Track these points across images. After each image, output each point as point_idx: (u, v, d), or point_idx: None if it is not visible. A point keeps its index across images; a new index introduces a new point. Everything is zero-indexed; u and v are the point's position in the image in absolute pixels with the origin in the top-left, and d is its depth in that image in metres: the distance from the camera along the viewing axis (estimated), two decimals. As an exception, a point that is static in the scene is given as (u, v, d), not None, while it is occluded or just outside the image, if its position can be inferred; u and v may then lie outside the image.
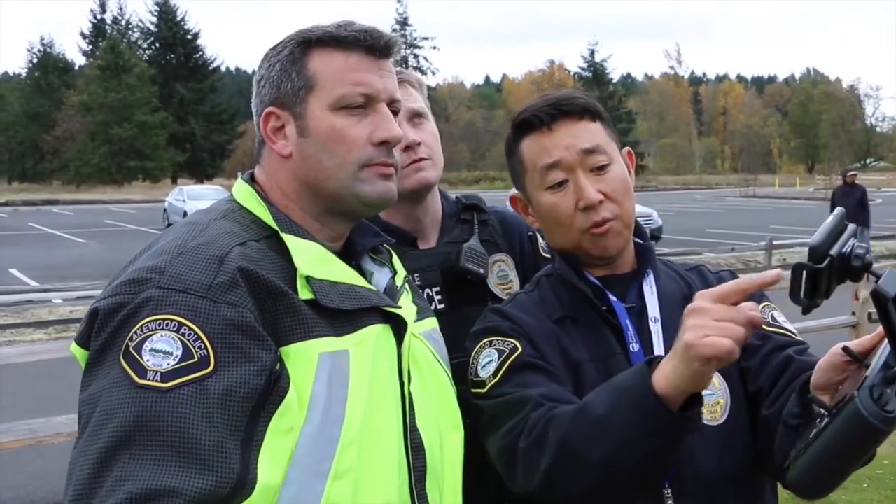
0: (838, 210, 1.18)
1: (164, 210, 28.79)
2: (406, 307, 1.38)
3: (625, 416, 1.25)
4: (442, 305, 1.86)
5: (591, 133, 1.55)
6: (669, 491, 1.42)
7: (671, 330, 1.50)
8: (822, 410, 1.19)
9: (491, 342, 1.51)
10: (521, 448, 1.36)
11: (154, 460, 1.02)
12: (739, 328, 1.16)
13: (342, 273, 1.30)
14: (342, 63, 1.32)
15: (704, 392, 1.46)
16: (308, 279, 1.23)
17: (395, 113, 1.38)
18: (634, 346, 1.50)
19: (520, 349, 1.48)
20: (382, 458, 1.22)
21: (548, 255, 2.02)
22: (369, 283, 1.38)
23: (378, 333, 1.28)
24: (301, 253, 1.26)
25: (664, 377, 1.22)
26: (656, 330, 1.52)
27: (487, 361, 1.49)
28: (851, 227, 1.16)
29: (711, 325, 1.16)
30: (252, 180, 1.39)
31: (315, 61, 1.32)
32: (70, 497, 1.03)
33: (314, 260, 1.27)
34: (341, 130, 1.31)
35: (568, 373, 1.49)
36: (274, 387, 1.12)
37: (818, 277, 1.10)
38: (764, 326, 1.52)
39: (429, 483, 1.30)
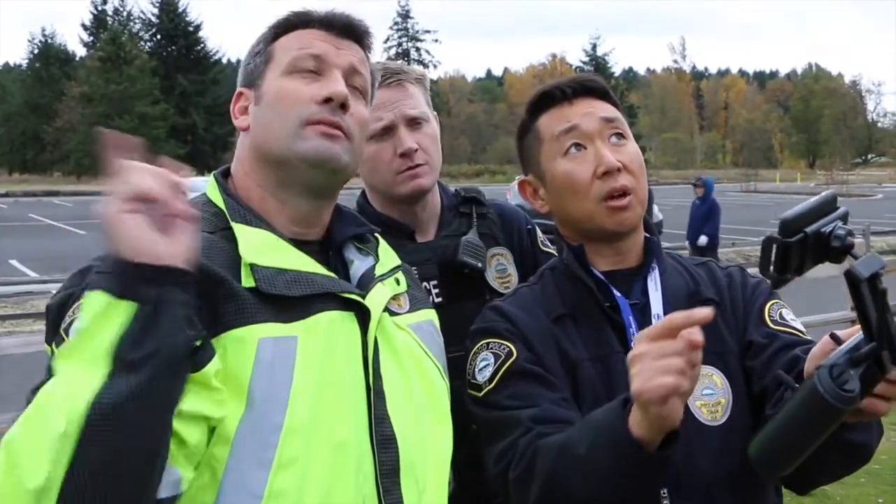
0: (829, 191, 1.18)
1: (165, 202, 28.70)
2: (378, 295, 1.34)
3: (603, 456, 1.25)
4: (440, 299, 1.86)
5: (610, 109, 1.58)
6: (666, 491, 1.40)
7: None
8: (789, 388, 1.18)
9: (488, 344, 1.51)
10: (511, 479, 1.37)
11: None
12: (677, 360, 1.13)
13: (292, 260, 1.27)
14: (299, 35, 1.36)
15: (705, 391, 1.46)
16: (252, 267, 1.22)
17: (359, 91, 1.38)
18: None
19: (515, 354, 1.47)
20: (336, 449, 1.18)
21: (546, 250, 2.02)
22: (349, 271, 1.37)
23: (332, 320, 1.25)
24: (247, 241, 1.25)
25: (636, 424, 1.21)
26: None
27: (484, 365, 1.49)
28: (842, 210, 1.15)
29: (650, 367, 1.14)
30: (226, 173, 1.40)
31: (279, 41, 1.37)
32: None
33: (260, 247, 1.25)
34: (287, 89, 1.32)
35: (566, 374, 1.48)
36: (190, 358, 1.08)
37: (788, 252, 1.09)
38: (771, 325, 1.52)
39: (404, 479, 1.25)
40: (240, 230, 1.26)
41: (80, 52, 72.72)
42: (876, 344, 1.09)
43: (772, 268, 1.11)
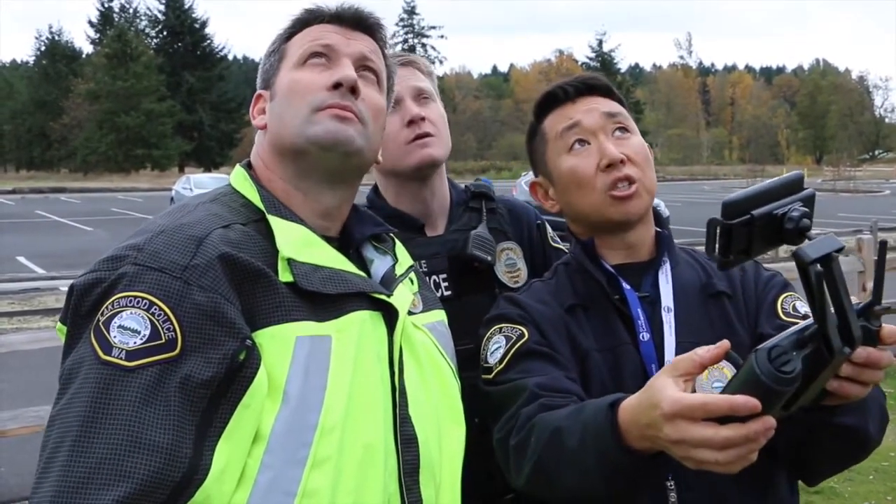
0: (795, 172, 1.16)
1: (171, 199, 28.80)
2: (401, 296, 1.34)
3: (589, 455, 1.24)
4: (448, 293, 1.85)
5: (613, 104, 1.60)
6: (672, 483, 1.41)
7: (684, 319, 1.51)
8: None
9: (500, 329, 1.53)
10: (511, 445, 1.38)
11: (108, 442, 1.01)
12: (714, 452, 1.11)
13: (327, 257, 1.27)
14: (310, 30, 1.38)
15: (715, 384, 1.44)
16: (289, 261, 1.21)
17: (373, 76, 1.38)
18: (645, 336, 1.49)
19: (526, 336, 1.48)
20: (367, 449, 1.18)
21: (556, 245, 2.02)
22: (369, 271, 1.37)
23: (364, 320, 1.25)
24: (284, 235, 1.24)
25: (637, 439, 1.19)
26: (668, 320, 1.51)
27: (496, 348, 1.50)
28: (807, 192, 1.13)
29: (690, 448, 1.13)
30: (249, 166, 1.39)
31: (292, 39, 1.39)
32: (36, 474, 1.03)
33: (297, 242, 1.25)
34: (298, 80, 1.33)
35: (576, 361, 1.48)
36: (237, 375, 1.09)
37: (729, 235, 1.08)
38: (783, 316, 1.52)
39: (423, 478, 1.27)
40: (276, 223, 1.25)
41: (87, 49, 73.24)
42: (818, 326, 1.06)
43: (716, 251, 1.09)
